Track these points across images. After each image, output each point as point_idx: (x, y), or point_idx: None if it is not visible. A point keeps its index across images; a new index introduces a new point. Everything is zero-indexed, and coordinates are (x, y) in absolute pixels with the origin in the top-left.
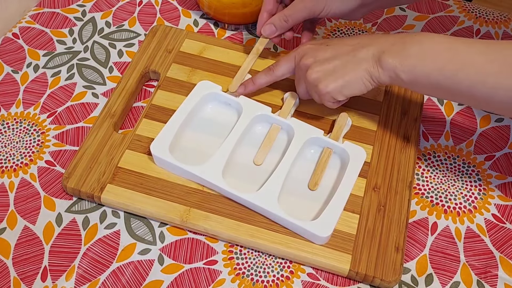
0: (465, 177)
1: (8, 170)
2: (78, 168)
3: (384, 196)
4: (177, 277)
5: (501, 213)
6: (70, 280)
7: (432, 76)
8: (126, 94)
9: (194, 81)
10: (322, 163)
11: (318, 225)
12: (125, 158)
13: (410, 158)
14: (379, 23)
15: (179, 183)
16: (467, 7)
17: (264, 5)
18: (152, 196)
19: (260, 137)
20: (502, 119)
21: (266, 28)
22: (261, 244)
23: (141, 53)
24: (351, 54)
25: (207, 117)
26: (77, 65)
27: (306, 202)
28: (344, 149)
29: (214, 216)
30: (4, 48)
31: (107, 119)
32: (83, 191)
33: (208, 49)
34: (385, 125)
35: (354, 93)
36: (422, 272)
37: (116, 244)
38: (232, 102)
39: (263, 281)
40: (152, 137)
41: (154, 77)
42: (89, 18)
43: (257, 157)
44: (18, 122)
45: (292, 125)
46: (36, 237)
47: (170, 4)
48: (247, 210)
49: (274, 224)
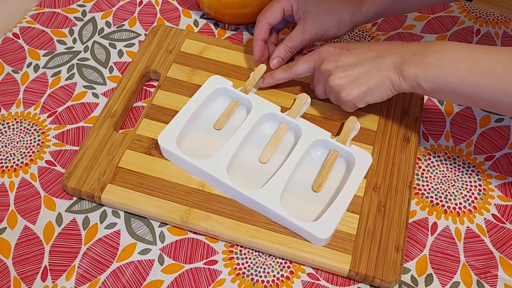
0: (465, 177)
1: (8, 170)
2: (78, 168)
3: (384, 196)
4: (177, 277)
5: (501, 213)
6: (70, 280)
7: (454, 85)
8: (127, 94)
9: (194, 81)
10: (327, 166)
11: (318, 227)
12: (126, 158)
13: (410, 158)
14: (379, 23)
15: (180, 183)
16: (467, 7)
17: (259, 34)
18: (153, 196)
19: (268, 135)
20: (502, 119)
21: (275, 62)
22: (261, 244)
23: (141, 53)
24: (374, 62)
25: (216, 112)
26: (77, 65)
27: (309, 203)
28: (350, 153)
29: (215, 216)
30: (5, 48)
31: (108, 119)
32: (83, 191)
33: (208, 49)
34: (385, 125)
35: (375, 100)
36: (422, 272)
37: (116, 244)
38: (242, 98)
39: (263, 281)
40: (153, 137)
41: (155, 77)
42: (90, 18)
43: (263, 155)
44: (19, 122)
45: (300, 126)
46: (36, 237)
47: (170, 4)
48: (248, 210)
49: (274, 224)
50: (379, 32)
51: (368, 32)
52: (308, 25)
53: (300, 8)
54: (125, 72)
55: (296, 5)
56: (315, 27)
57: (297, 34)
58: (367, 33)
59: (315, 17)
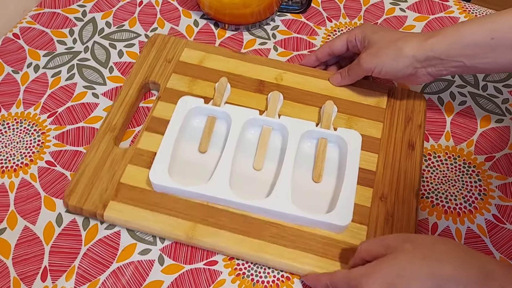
0: (466, 178)
1: (8, 170)
2: (79, 184)
3: (392, 205)
4: (177, 278)
5: (501, 213)
6: (70, 280)
7: None
8: (126, 106)
9: (195, 91)
10: (320, 154)
11: (337, 216)
12: (127, 173)
13: (416, 166)
14: (379, 23)
15: (183, 198)
16: (467, 7)
17: (317, 52)
18: (156, 212)
19: (254, 141)
20: (502, 120)
21: (334, 77)
22: (269, 259)
23: (139, 63)
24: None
25: (196, 132)
26: (77, 65)
27: (316, 195)
28: (338, 136)
29: (221, 231)
30: (5, 48)
31: (108, 133)
32: (85, 209)
33: (208, 58)
34: (390, 132)
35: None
36: None
37: (116, 245)
38: (218, 112)
39: (263, 282)
40: (154, 150)
41: (154, 88)
42: (90, 19)
43: (256, 163)
44: (19, 122)
45: (283, 123)
46: (36, 237)
47: (171, 5)
48: (254, 224)
49: (282, 238)
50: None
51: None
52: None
53: (363, 37)
54: (123, 84)
55: (360, 35)
56: (373, 57)
57: (356, 62)
58: None
59: (377, 47)
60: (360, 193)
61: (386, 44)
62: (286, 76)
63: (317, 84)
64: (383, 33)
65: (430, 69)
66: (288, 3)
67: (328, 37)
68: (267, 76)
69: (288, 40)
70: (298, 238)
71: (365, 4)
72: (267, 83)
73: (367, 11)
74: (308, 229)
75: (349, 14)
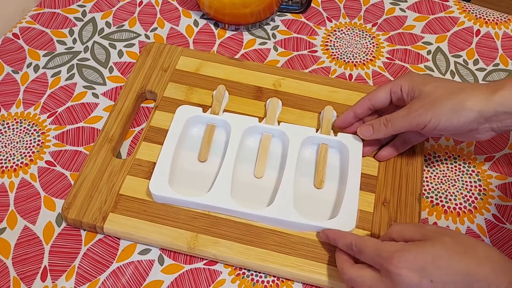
0: (465, 178)
1: (8, 170)
2: (78, 197)
3: (394, 210)
4: (177, 278)
5: (501, 213)
6: (70, 280)
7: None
8: (123, 117)
9: (192, 99)
10: (321, 160)
11: (342, 221)
12: (126, 184)
13: (417, 170)
14: (379, 23)
15: (184, 208)
16: (467, 7)
17: (355, 106)
18: (157, 223)
19: (254, 148)
20: None
21: (364, 129)
22: (272, 268)
23: (136, 72)
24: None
25: (196, 141)
26: (77, 65)
27: (318, 202)
28: (339, 141)
29: (223, 241)
30: (4, 48)
31: (105, 144)
32: (84, 222)
33: (205, 66)
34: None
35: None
36: None
37: (116, 244)
38: (217, 121)
39: (263, 282)
40: (153, 160)
41: (151, 97)
42: (89, 19)
43: (257, 170)
44: (18, 122)
45: (283, 130)
46: (36, 237)
47: (170, 5)
48: (256, 233)
49: (284, 246)
50: (379, 32)
51: (368, 32)
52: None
53: (412, 88)
54: (120, 94)
55: (406, 86)
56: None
57: (402, 114)
58: (367, 33)
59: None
60: (362, 199)
61: (445, 95)
62: (284, 82)
63: (316, 89)
64: (436, 84)
65: (495, 124)
66: (288, 3)
67: (328, 37)
68: (265, 82)
69: (288, 40)
70: (302, 245)
71: (365, 4)
72: (265, 90)
73: (367, 11)
74: (311, 236)
75: (349, 14)
